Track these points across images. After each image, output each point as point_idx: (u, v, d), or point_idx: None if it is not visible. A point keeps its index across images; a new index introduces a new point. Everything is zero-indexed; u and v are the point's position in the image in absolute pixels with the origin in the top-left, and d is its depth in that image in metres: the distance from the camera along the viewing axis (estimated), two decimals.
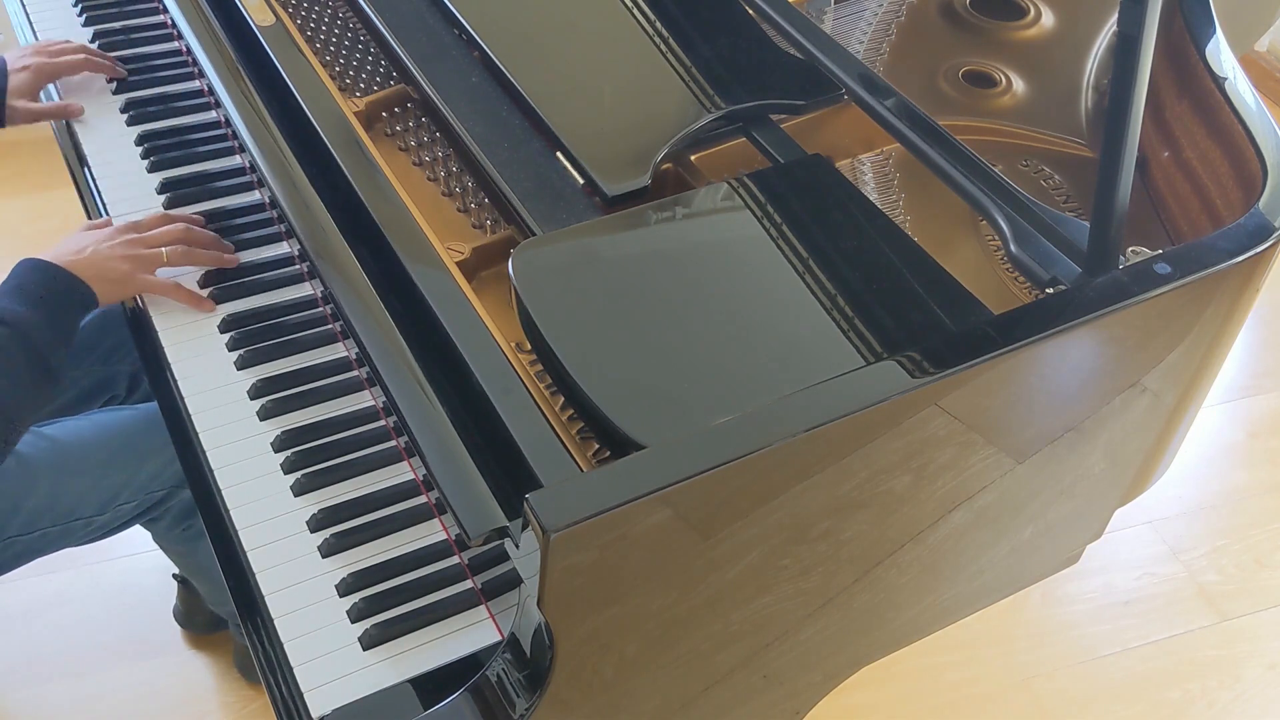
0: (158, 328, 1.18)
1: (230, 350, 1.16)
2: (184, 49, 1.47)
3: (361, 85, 1.27)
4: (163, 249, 1.18)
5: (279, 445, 1.08)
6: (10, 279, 1.13)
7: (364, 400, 1.12)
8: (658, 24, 1.21)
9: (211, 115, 1.41)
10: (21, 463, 1.20)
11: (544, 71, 1.15)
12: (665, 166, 1.11)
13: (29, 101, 1.38)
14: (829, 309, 0.94)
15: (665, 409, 0.86)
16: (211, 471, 1.07)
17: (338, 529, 1.02)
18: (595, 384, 0.86)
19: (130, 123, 1.42)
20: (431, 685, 0.93)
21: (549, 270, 0.95)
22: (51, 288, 1.12)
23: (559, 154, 1.10)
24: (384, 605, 0.97)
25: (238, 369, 1.15)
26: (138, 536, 1.40)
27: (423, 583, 0.99)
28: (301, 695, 0.92)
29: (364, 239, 1.08)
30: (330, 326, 1.18)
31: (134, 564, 1.82)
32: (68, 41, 1.43)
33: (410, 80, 1.23)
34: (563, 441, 0.89)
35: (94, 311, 1.15)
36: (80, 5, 1.55)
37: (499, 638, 0.96)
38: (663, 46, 1.19)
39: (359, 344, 1.03)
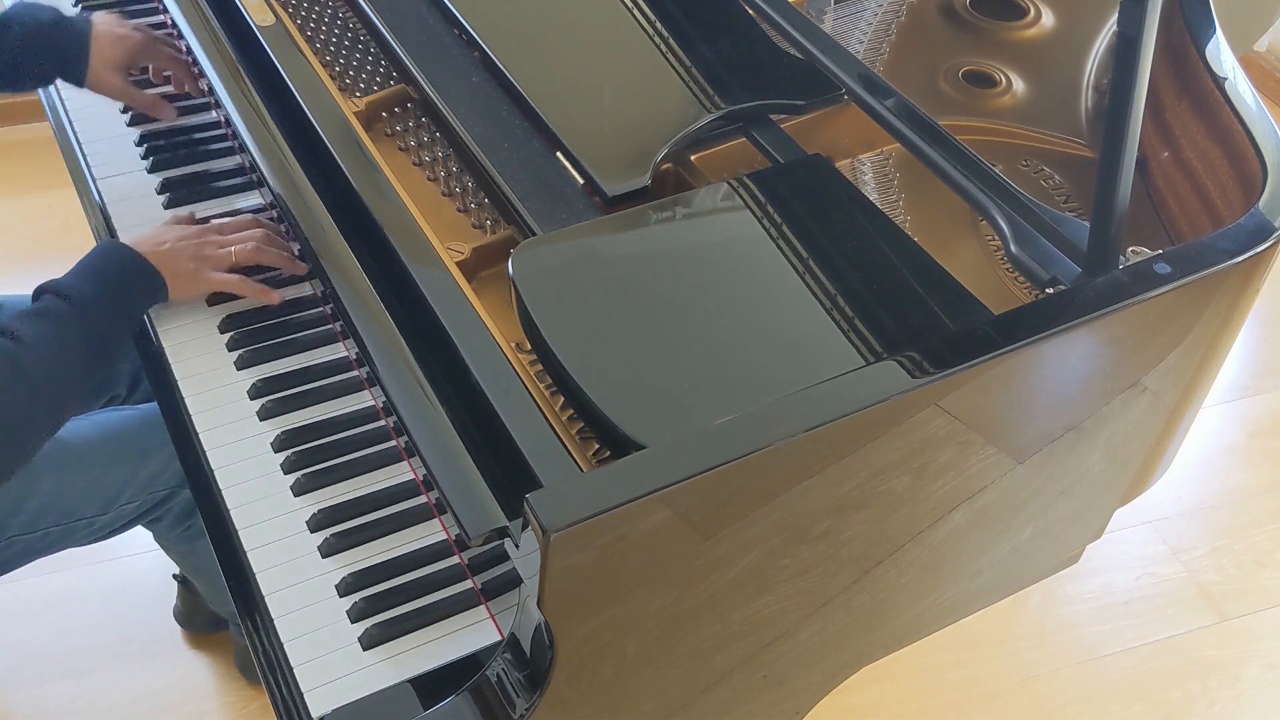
0: (158, 328, 1.18)
1: (230, 350, 1.16)
2: (184, 49, 1.47)
3: (361, 85, 1.27)
4: (232, 249, 1.18)
5: (279, 445, 1.08)
6: (87, 257, 1.13)
7: (364, 400, 1.12)
8: (658, 24, 1.21)
9: (211, 115, 1.41)
10: None
11: (544, 71, 1.15)
12: (665, 166, 1.11)
13: (120, 76, 1.35)
14: (829, 309, 0.94)
15: (665, 409, 0.86)
16: (211, 471, 1.07)
17: (338, 529, 1.02)
18: (595, 384, 0.86)
19: (131, 123, 1.42)
20: (431, 685, 0.93)
21: (549, 270, 0.95)
22: (126, 272, 1.13)
23: (559, 154, 1.10)
24: (384, 605, 0.97)
25: (238, 369, 1.15)
26: (138, 536, 1.40)
27: (423, 583, 0.99)
28: (301, 695, 0.92)
29: (364, 239, 1.08)
30: (330, 326, 1.18)
31: (134, 564, 1.82)
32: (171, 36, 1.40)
33: (410, 80, 1.23)
34: (563, 441, 0.89)
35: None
36: (80, 5, 1.55)
37: (499, 638, 0.96)
38: (663, 46, 1.19)
39: (359, 344, 1.03)
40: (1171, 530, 2.01)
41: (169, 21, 1.49)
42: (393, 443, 1.09)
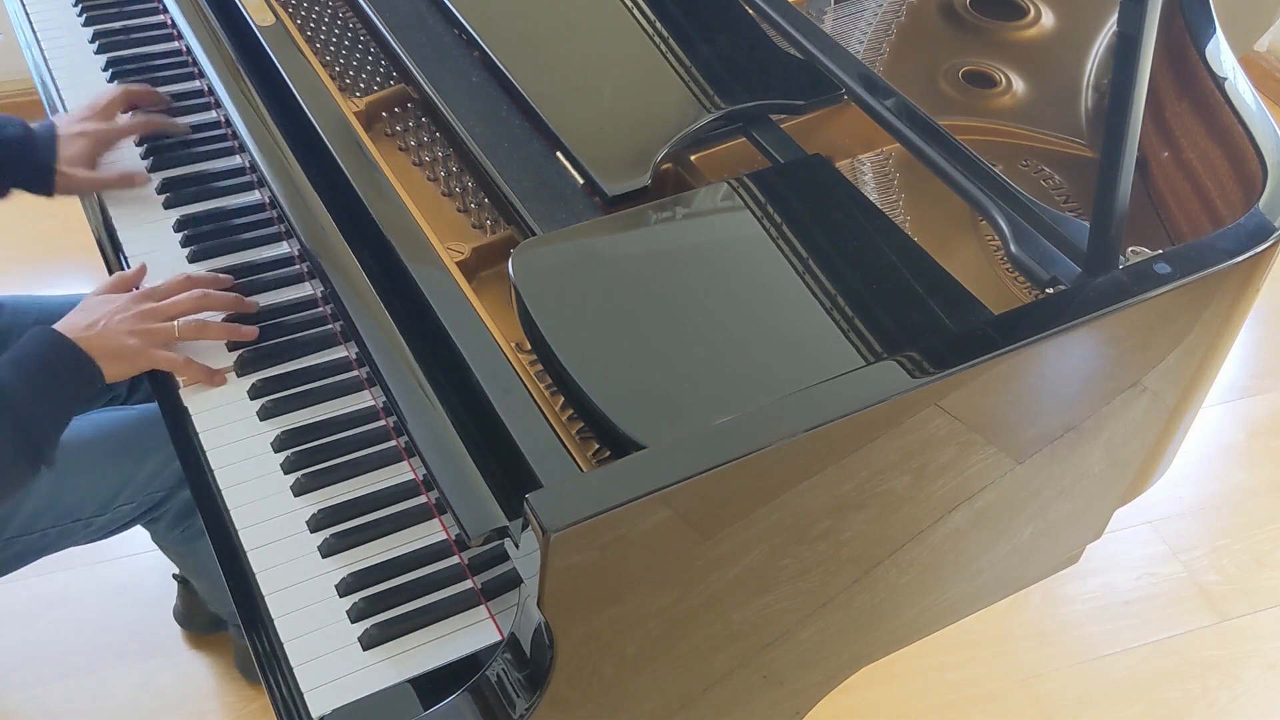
0: None
1: (231, 350, 1.16)
2: (184, 49, 1.47)
3: (361, 85, 1.27)
4: (175, 323, 1.11)
5: (279, 445, 1.08)
6: (15, 346, 1.07)
7: (364, 400, 1.12)
8: (657, 24, 1.21)
9: (211, 115, 1.41)
10: None
11: (544, 71, 1.15)
12: (665, 166, 1.11)
13: (87, 170, 1.28)
14: (829, 309, 0.94)
15: (665, 409, 0.86)
16: (212, 472, 1.07)
17: (338, 529, 1.02)
18: (595, 384, 0.86)
19: None
20: (431, 685, 0.93)
21: (549, 270, 0.95)
22: (55, 362, 1.06)
23: (559, 154, 1.10)
24: (384, 605, 0.97)
25: (238, 370, 1.15)
26: (138, 536, 1.40)
27: (423, 583, 0.99)
28: (301, 695, 0.92)
29: (364, 239, 1.08)
30: (330, 327, 1.18)
31: (134, 564, 1.82)
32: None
33: (410, 80, 1.23)
34: (563, 441, 0.89)
35: (100, 390, 1.08)
36: (80, 5, 1.55)
37: (499, 638, 0.96)
38: (662, 46, 1.19)
39: (359, 344, 1.03)
40: (1171, 530, 2.01)
41: (169, 21, 1.50)
42: (393, 443, 1.09)
